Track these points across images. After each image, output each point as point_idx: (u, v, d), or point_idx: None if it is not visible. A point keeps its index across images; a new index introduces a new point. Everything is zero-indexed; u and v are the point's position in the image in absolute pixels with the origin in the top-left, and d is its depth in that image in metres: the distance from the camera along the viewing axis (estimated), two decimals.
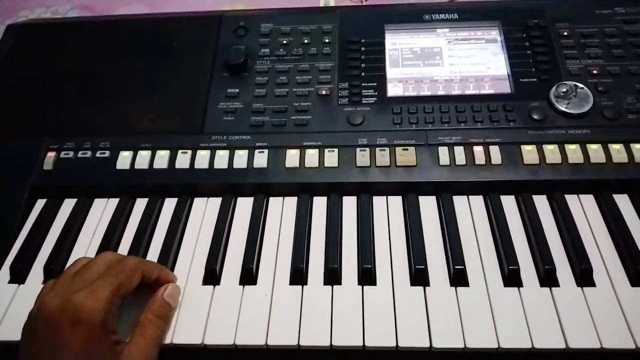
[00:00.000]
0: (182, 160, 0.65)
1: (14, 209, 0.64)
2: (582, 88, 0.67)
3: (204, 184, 0.64)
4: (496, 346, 0.50)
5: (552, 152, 0.62)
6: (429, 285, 0.55)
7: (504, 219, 0.59)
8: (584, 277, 0.54)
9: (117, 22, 0.82)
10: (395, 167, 0.63)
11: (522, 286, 0.54)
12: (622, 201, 0.61)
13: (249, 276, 0.56)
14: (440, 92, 0.69)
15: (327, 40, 0.74)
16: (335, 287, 0.55)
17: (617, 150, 0.62)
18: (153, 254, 0.59)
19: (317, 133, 0.66)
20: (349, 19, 0.76)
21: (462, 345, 0.50)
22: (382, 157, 0.64)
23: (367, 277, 0.56)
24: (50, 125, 0.70)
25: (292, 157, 0.64)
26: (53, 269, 0.58)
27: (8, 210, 0.64)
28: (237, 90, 0.71)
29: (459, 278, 0.55)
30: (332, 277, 0.56)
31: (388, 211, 0.62)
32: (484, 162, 0.62)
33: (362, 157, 0.64)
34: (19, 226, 0.63)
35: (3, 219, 0.63)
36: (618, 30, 0.72)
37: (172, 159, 0.65)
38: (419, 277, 0.55)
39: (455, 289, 0.54)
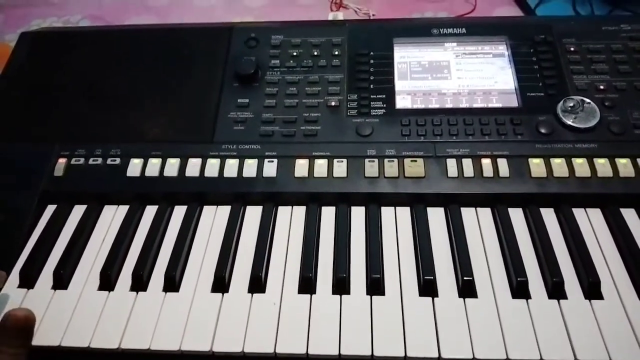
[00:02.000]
0: (192, 168, 0.66)
1: (24, 214, 0.64)
2: (589, 103, 0.67)
3: (214, 192, 0.65)
4: (504, 357, 0.50)
5: (559, 166, 0.63)
6: (437, 295, 0.55)
7: (511, 231, 0.60)
8: (592, 290, 0.55)
9: (129, 32, 0.83)
10: (404, 178, 0.64)
11: (530, 298, 0.54)
12: (629, 215, 0.61)
13: (257, 284, 0.57)
14: (448, 105, 0.70)
15: (336, 53, 0.75)
16: (343, 296, 0.55)
17: (624, 165, 0.62)
18: (162, 261, 0.60)
19: (326, 143, 0.67)
20: (358, 32, 0.77)
21: (470, 356, 0.50)
22: (391, 168, 0.64)
23: (375, 286, 0.56)
24: (61, 132, 0.71)
25: (301, 167, 0.65)
26: (62, 275, 0.58)
27: (18, 216, 0.64)
28: (247, 100, 0.71)
29: (467, 289, 0.55)
30: (341, 286, 0.56)
31: (396, 222, 0.62)
32: (491, 175, 0.63)
33: (371, 167, 0.64)
34: (29, 231, 0.64)
35: (13, 224, 0.64)
36: (624, 47, 0.72)
37: (183, 167, 0.66)
38: (428, 287, 0.55)
39: (464, 300, 0.54)
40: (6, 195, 0.66)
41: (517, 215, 0.62)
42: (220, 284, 0.57)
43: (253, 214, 0.64)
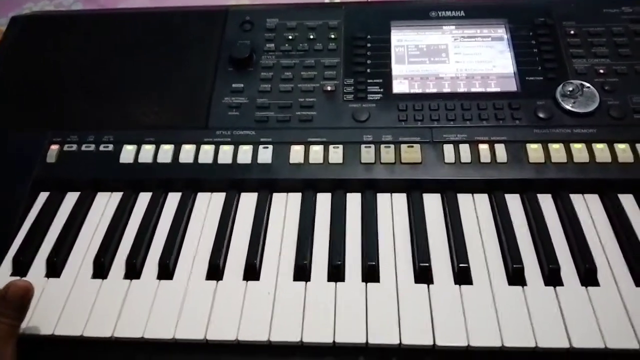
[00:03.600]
0: (186, 154, 0.65)
1: (17, 202, 0.64)
2: (589, 87, 0.66)
3: (208, 178, 0.64)
4: (500, 345, 0.50)
5: (557, 151, 0.62)
6: (432, 282, 0.55)
7: (508, 218, 0.59)
8: (588, 276, 0.54)
9: (122, 16, 0.82)
10: (400, 164, 0.63)
11: (526, 285, 0.54)
12: (627, 201, 0.60)
13: (252, 272, 0.56)
14: (446, 90, 0.69)
15: (332, 36, 0.74)
16: (338, 283, 0.55)
17: (623, 150, 0.62)
18: (156, 249, 0.59)
19: (322, 129, 0.66)
20: (355, 14, 0.76)
21: (465, 344, 0.50)
22: (387, 154, 0.63)
23: (371, 274, 0.55)
24: (54, 118, 0.70)
25: (296, 153, 0.64)
26: (55, 262, 0.58)
27: (11, 203, 0.64)
28: (242, 85, 0.70)
29: (463, 276, 0.55)
30: (336, 273, 0.56)
31: (392, 208, 0.62)
32: (489, 160, 0.62)
33: (367, 153, 0.64)
34: (22, 219, 0.63)
35: (5, 212, 0.63)
36: (625, 30, 0.71)
37: (176, 154, 0.65)
38: (423, 274, 0.55)
39: (459, 287, 0.54)
40: None
41: (514, 202, 0.61)
42: (215, 272, 0.57)
43: (248, 201, 0.63)
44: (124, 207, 0.63)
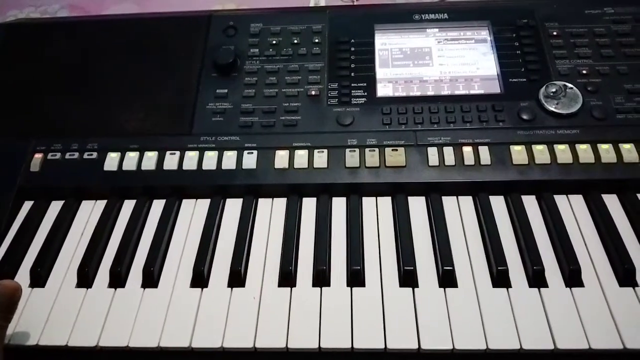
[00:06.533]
0: (171, 161, 0.65)
1: (1, 211, 0.63)
2: (572, 88, 0.67)
3: (193, 185, 0.64)
4: (484, 347, 0.50)
5: (541, 153, 0.62)
6: (417, 286, 0.55)
7: (493, 220, 0.59)
8: (572, 277, 0.54)
9: (106, 22, 0.81)
10: (385, 167, 0.63)
11: (510, 287, 0.54)
12: (611, 201, 0.61)
13: (237, 278, 0.56)
14: (430, 93, 0.69)
15: (316, 41, 0.74)
16: (324, 288, 0.55)
17: (606, 150, 0.62)
18: (140, 256, 0.59)
19: (307, 134, 0.66)
20: (339, 19, 0.76)
21: (450, 347, 0.50)
22: (372, 157, 0.63)
23: (356, 278, 0.55)
24: (38, 126, 0.70)
25: (281, 158, 0.64)
26: (40, 272, 0.58)
27: None
28: (226, 90, 0.70)
29: (447, 279, 0.55)
30: (321, 278, 0.56)
31: (377, 212, 0.62)
32: (473, 163, 0.62)
33: (352, 157, 0.64)
34: (6, 229, 0.63)
35: None
36: (607, 30, 0.72)
37: (161, 160, 0.65)
38: (408, 278, 0.55)
39: (444, 290, 0.54)
40: None
41: (498, 203, 0.62)
42: (199, 279, 0.56)
43: (233, 207, 0.63)
44: (109, 215, 0.63)
